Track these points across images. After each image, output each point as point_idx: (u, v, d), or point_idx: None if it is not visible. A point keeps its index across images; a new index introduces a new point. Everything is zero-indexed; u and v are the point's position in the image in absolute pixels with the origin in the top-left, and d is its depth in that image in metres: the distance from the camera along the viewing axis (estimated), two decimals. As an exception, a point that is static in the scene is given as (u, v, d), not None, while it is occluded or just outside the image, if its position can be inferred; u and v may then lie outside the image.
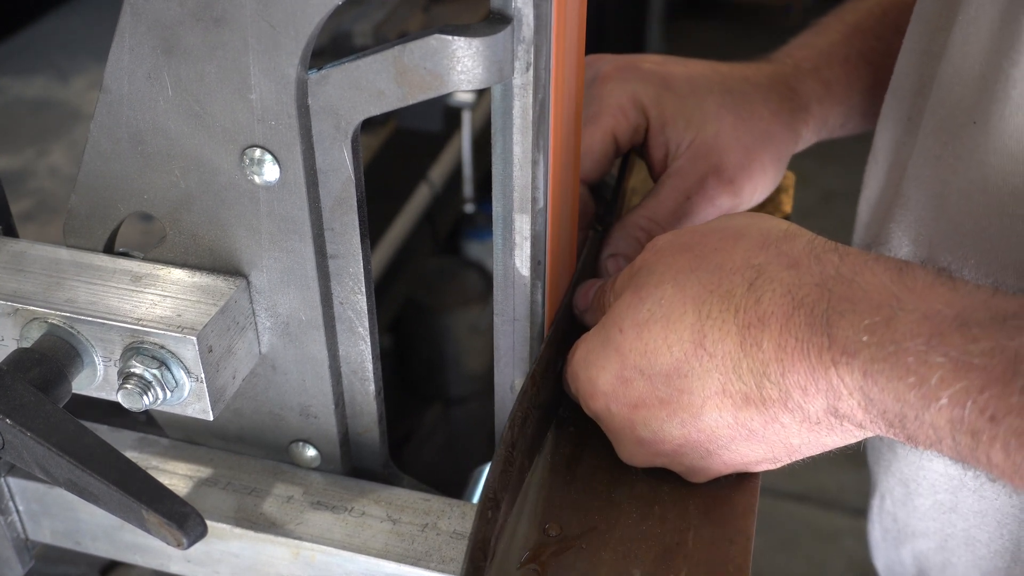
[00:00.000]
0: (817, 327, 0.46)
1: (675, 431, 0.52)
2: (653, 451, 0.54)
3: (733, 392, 0.49)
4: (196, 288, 0.54)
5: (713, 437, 0.52)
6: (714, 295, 0.49)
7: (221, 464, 0.62)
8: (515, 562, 0.53)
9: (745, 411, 0.50)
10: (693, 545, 0.53)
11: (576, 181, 0.60)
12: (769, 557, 2.20)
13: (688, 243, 0.53)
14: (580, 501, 0.56)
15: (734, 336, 0.48)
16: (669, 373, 0.51)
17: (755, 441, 0.51)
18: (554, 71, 0.50)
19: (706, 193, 0.69)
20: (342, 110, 0.49)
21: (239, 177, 0.51)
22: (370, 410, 0.59)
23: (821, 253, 0.49)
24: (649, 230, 0.67)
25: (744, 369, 0.48)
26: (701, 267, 0.51)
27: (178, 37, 0.48)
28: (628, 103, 0.69)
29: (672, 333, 0.50)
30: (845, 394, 0.46)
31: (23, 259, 0.55)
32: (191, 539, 0.48)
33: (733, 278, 0.49)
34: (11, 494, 0.62)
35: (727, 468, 0.54)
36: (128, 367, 0.51)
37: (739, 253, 0.50)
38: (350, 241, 0.53)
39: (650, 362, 0.51)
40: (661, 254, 0.53)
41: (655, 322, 0.51)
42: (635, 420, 0.53)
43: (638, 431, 0.54)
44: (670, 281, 0.51)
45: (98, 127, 0.52)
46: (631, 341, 0.52)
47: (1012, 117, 0.56)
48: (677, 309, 0.50)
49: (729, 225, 0.53)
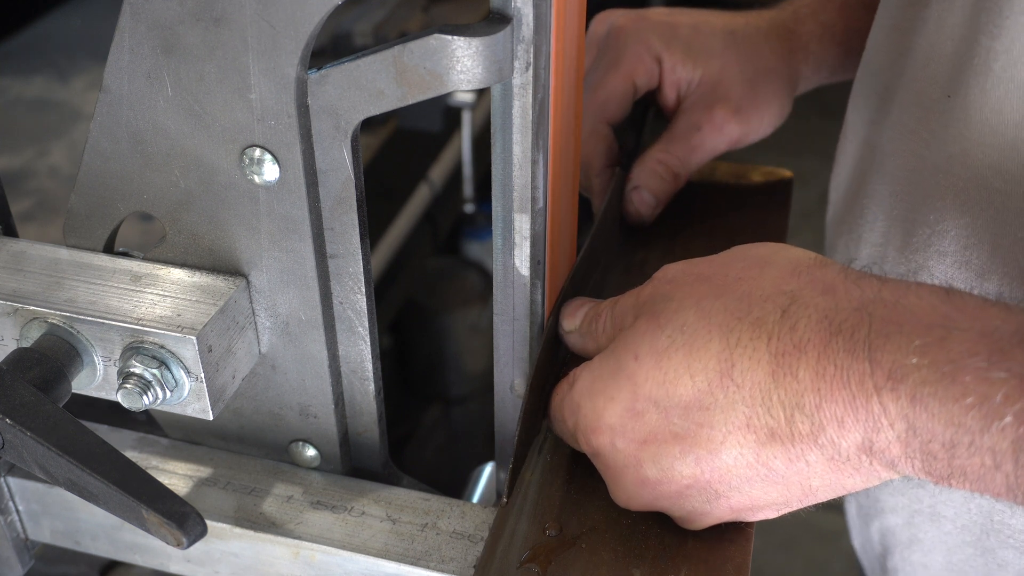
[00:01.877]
0: (858, 353, 0.44)
1: (687, 470, 0.49)
2: (656, 492, 0.51)
3: (758, 427, 0.46)
4: (196, 288, 0.54)
5: (727, 477, 0.49)
6: (743, 322, 0.47)
7: (221, 464, 0.62)
8: (515, 562, 0.53)
9: (769, 448, 0.47)
10: (693, 545, 0.53)
11: (576, 181, 0.60)
12: (769, 557, 2.20)
13: (706, 273, 0.50)
14: (580, 501, 0.56)
15: (766, 365, 0.46)
16: (689, 405, 0.48)
17: (772, 483, 0.48)
18: (554, 71, 0.50)
19: (714, 122, 0.74)
20: (342, 110, 0.49)
21: (239, 177, 0.51)
22: (370, 410, 0.59)
23: (858, 279, 0.47)
24: (667, 163, 0.73)
25: (775, 401, 0.46)
26: (726, 294, 0.48)
27: (178, 37, 0.48)
28: (643, 50, 0.74)
29: (696, 361, 0.47)
30: (885, 424, 0.43)
31: (23, 259, 0.55)
32: (191, 539, 0.48)
33: (764, 305, 0.47)
34: (11, 494, 0.62)
35: (730, 514, 0.51)
36: (128, 367, 0.51)
37: (768, 281, 0.48)
38: (350, 241, 0.53)
39: (668, 393, 0.48)
40: (676, 284, 0.51)
41: (676, 350, 0.48)
42: (642, 457, 0.50)
43: (644, 470, 0.50)
44: (692, 308, 0.48)
45: (98, 127, 0.52)
46: (648, 370, 0.49)
47: (992, 90, 0.56)
48: (702, 336, 0.47)
49: (751, 254, 0.51)
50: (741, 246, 0.52)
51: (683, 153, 0.74)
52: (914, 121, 0.62)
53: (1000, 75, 0.56)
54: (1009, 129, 0.56)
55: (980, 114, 0.57)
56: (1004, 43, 0.55)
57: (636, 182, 0.73)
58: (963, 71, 0.58)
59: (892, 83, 0.67)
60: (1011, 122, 0.56)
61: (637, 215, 0.74)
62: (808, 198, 3.31)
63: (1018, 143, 0.55)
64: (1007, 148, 0.56)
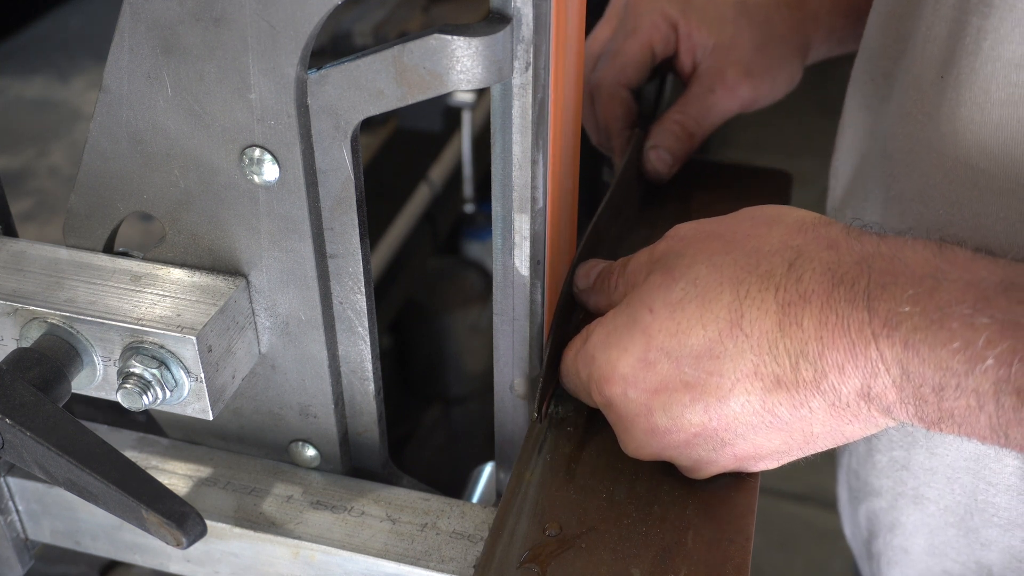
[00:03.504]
0: (858, 302, 0.46)
1: (696, 417, 0.51)
2: (665, 441, 0.53)
3: (765, 374, 0.49)
4: (196, 288, 0.54)
5: (734, 424, 0.51)
6: (752, 275, 0.49)
7: (221, 464, 0.62)
8: (515, 562, 0.53)
9: (775, 394, 0.49)
10: (693, 545, 0.53)
11: (576, 181, 0.60)
12: (769, 557, 2.20)
13: (715, 231, 0.53)
14: (580, 501, 0.56)
15: (773, 315, 0.48)
16: (700, 354, 0.50)
17: (776, 430, 0.51)
18: (554, 71, 0.50)
19: (727, 83, 0.78)
20: (342, 110, 0.49)
21: (239, 177, 0.51)
22: (370, 410, 0.59)
23: (859, 235, 0.49)
24: (683, 123, 0.77)
25: (780, 349, 0.48)
26: (735, 250, 0.51)
27: (177, 37, 0.48)
28: (660, 18, 0.78)
29: (707, 312, 0.50)
30: (882, 370, 0.46)
31: (23, 259, 0.55)
32: (191, 539, 0.48)
33: (772, 259, 0.49)
34: (11, 494, 0.62)
35: (735, 462, 0.54)
36: (128, 367, 0.51)
37: (776, 236, 0.51)
38: (350, 241, 0.53)
39: (680, 343, 0.50)
40: (687, 241, 0.53)
41: (689, 301, 0.50)
42: (653, 406, 0.52)
43: (654, 418, 0.52)
44: (704, 262, 0.51)
45: (98, 127, 0.52)
46: (661, 321, 0.51)
47: (981, 69, 0.57)
48: (713, 289, 0.50)
49: (759, 214, 0.53)
50: (749, 208, 0.54)
51: (698, 114, 0.78)
52: (911, 103, 0.63)
53: (988, 54, 0.57)
54: (995, 108, 0.57)
55: (969, 93, 0.58)
56: (993, 22, 0.56)
57: (654, 141, 0.77)
58: (955, 51, 0.59)
59: (890, 68, 0.69)
60: (997, 100, 0.57)
61: (655, 172, 0.78)
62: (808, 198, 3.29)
63: (1002, 122, 0.57)
64: (992, 127, 0.57)
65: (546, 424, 0.60)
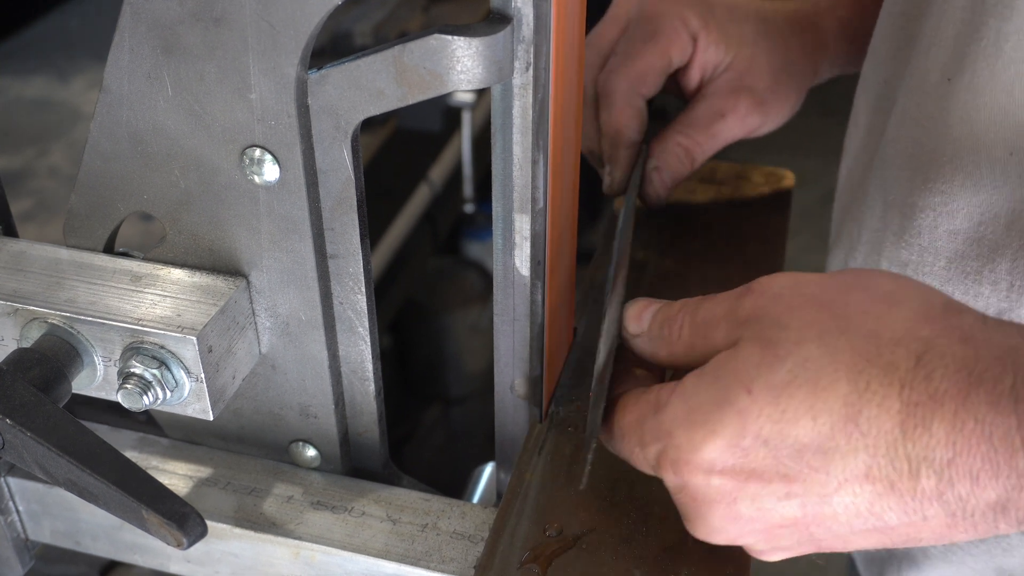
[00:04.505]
0: (1002, 405, 0.41)
1: (788, 512, 0.46)
2: (744, 528, 0.47)
3: (878, 477, 0.44)
4: (196, 288, 0.54)
5: (829, 523, 0.45)
6: (873, 366, 0.44)
7: (221, 464, 0.62)
8: (516, 563, 0.53)
9: (886, 499, 0.44)
10: (693, 546, 0.53)
11: (576, 181, 0.60)
12: (769, 557, 2.20)
13: (821, 298, 0.46)
14: (580, 501, 0.56)
15: (896, 415, 0.43)
16: (805, 447, 0.44)
17: (877, 532, 0.45)
18: (554, 71, 0.50)
19: (739, 112, 0.74)
20: (342, 110, 0.49)
21: (239, 177, 0.51)
22: (370, 410, 0.59)
23: (997, 326, 0.44)
24: (688, 147, 0.74)
25: (900, 453, 0.43)
26: (850, 330, 0.45)
27: (178, 37, 0.48)
28: (680, 26, 0.74)
29: (820, 402, 0.44)
30: None
31: (23, 259, 0.55)
32: (191, 539, 0.48)
33: (896, 350, 0.44)
34: (11, 494, 0.62)
35: (813, 551, 0.48)
36: (128, 367, 0.51)
37: (898, 322, 0.45)
38: (350, 241, 0.53)
39: (782, 432, 0.44)
40: (789, 308, 0.46)
41: (798, 387, 0.44)
42: (740, 495, 0.46)
43: (738, 506, 0.46)
44: (814, 341, 0.45)
45: (98, 127, 0.52)
46: (762, 406, 0.44)
47: (1003, 71, 0.57)
48: (827, 375, 0.44)
49: (874, 285, 0.47)
50: (856, 271, 0.49)
51: (704, 140, 0.74)
52: (914, 107, 0.63)
53: (1012, 56, 0.56)
54: (1020, 110, 0.56)
55: (990, 96, 0.57)
56: (1016, 24, 0.56)
57: (657, 163, 0.74)
58: (967, 54, 0.58)
59: (896, 71, 0.68)
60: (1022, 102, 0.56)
61: (656, 196, 0.75)
62: (808, 198, 3.30)
63: None
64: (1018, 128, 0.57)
65: (547, 424, 0.60)
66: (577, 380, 0.64)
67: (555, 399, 0.62)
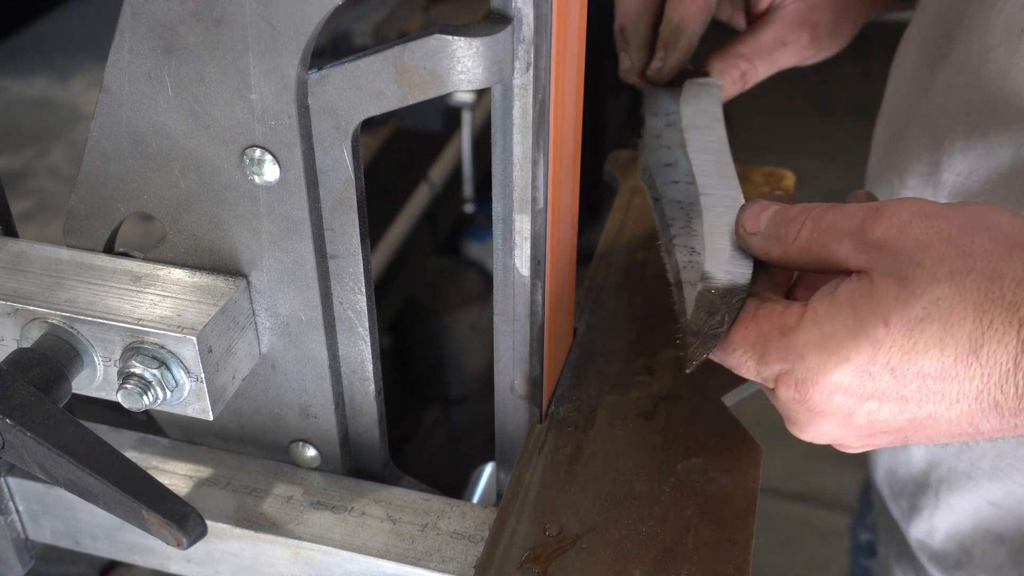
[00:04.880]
0: None
1: (897, 423, 0.51)
2: (850, 433, 0.53)
3: (985, 398, 0.49)
4: (196, 288, 0.54)
5: (927, 431, 0.51)
6: (996, 306, 0.49)
7: (221, 464, 0.62)
8: (515, 562, 0.53)
9: (987, 415, 0.50)
10: (693, 545, 0.53)
11: (576, 181, 0.60)
12: (769, 557, 2.20)
13: (950, 235, 0.51)
14: (580, 501, 0.56)
15: (1012, 351, 0.48)
16: (928, 375, 0.49)
17: (961, 437, 0.52)
18: (554, 71, 0.50)
19: (800, 43, 0.79)
20: (342, 110, 0.49)
21: (239, 177, 0.51)
22: (370, 410, 0.59)
23: None
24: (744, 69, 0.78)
25: (1010, 381, 0.48)
26: (976, 270, 0.50)
27: (178, 37, 0.48)
28: None
29: (948, 336, 0.49)
30: None
31: (23, 259, 0.55)
32: (191, 539, 0.48)
33: (1018, 291, 0.49)
34: (11, 494, 0.62)
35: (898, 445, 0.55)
36: (128, 367, 0.51)
37: (1018, 263, 0.49)
38: (350, 241, 0.53)
39: (911, 361, 0.49)
40: (921, 243, 0.51)
41: (931, 322, 0.49)
42: (857, 410, 0.52)
43: (853, 418, 0.52)
44: (946, 280, 0.49)
45: (98, 127, 0.52)
46: (895, 337, 0.49)
47: None
48: (957, 312, 0.49)
49: (995, 225, 0.51)
50: (977, 208, 0.52)
51: (762, 65, 0.79)
52: (975, 58, 0.65)
53: None
54: None
55: None
56: None
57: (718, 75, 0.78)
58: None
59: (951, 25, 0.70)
60: None
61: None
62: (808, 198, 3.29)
63: None
64: None
65: (547, 425, 0.60)
66: (577, 380, 0.64)
67: (555, 399, 0.62)
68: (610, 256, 0.75)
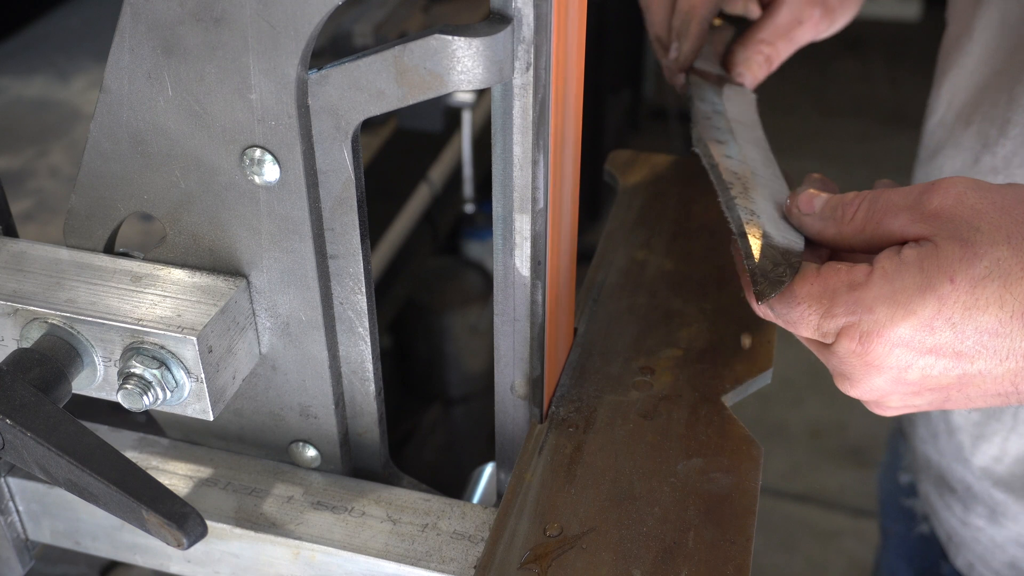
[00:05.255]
0: None
1: (946, 380, 0.54)
2: (899, 389, 0.55)
3: None
4: (196, 288, 0.54)
5: (969, 389, 0.54)
6: None
7: (221, 464, 0.62)
8: (516, 563, 0.53)
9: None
10: (693, 545, 0.53)
11: (576, 181, 0.60)
12: (769, 557, 2.20)
13: (1004, 205, 0.54)
14: (580, 501, 0.56)
15: None
16: (986, 330, 0.52)
17: (1000, 398, 0.54)
18: (554, 71, 0.50)
19: (814, 20, 0.83)
20: (342, 110, 0.49)
21: (239, 177, 0.51)
22: (370, 410, 0.59)
23: None
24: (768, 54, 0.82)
25: None
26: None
27: (178, 37, 0.48)
28: None
29: (1007, 294, 0.52)
30: None
31: (23, 259, 0.55)
32: (191, 539, 0.48)
33: None
34: (11, 494, 0.62)
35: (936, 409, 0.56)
36: (128, 367, 0.51)
37: None
38: (350, 241, 0.53)
39: (971, 317, 0.52)
40: (978, 211, 0.54)
41: (992, 280, 0.52)
42: (915, 364, 0.54)
43: (908, 374, 0.54)
44: (1004, 243, 0.52)
45: (98, 127, 0.52)
46: (960, 293, 0.52)
47: None
48: (1016, 272, 0.52)
49: None
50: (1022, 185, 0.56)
51: (783, 45, 0.83)
52: None
53: None
54: None
55: None
56: None
57: (741, 68, 0.82)
58: None
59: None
60: None
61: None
62: (808, 198, 3.29)
63: None
64: None
65: (547, 425, 0.60)
66: (577, 380, 0.64)
67: (555, 399, 0.62)
68: (610, 256, 0.75)
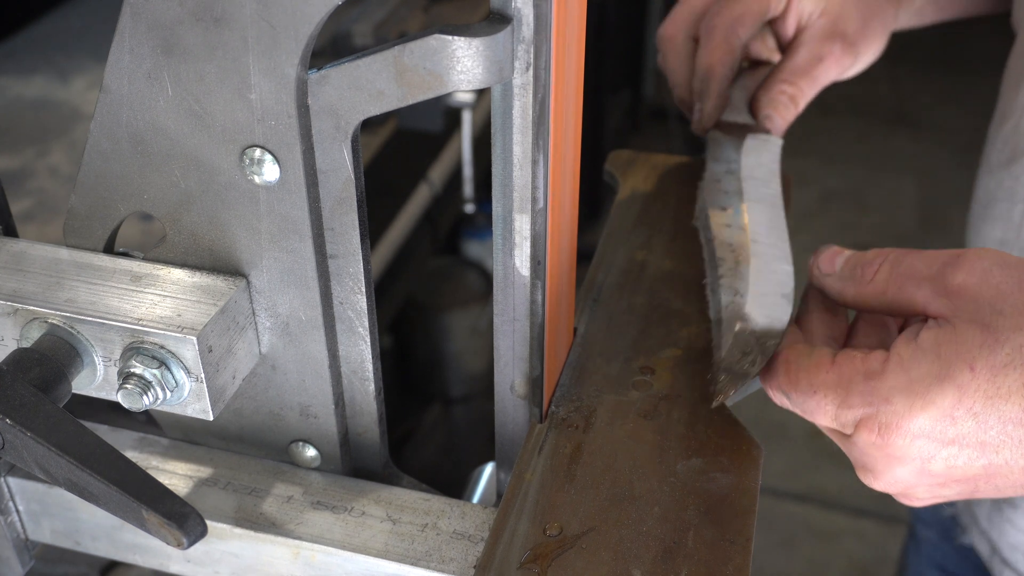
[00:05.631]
0: None
1: (972, 471, 0.52)
2: (924, 481, 0.53)
3: None
4: (196, 288, 0.54)
5: (998, 480, 0.52)
6: None
7: (221, 464, 0.62)
8: (515, 563, 0.53)
9: None
10: (693, 545, 0.53)
11: (576, 181, 0.60)
12: (769, 557, 2.20)
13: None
14: (580, 501, 0.56)
15: None
16: (1010, 420, 0.50)
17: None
18: (554, 71, 0.50)
19: (835, 55, 0.82)
20: (342, 110, 0.49)
21: (239, 177, 0.51)
22: (370, 410, 0.59)
23: None
24: (792, 94, 0.81)
25: None
26: None
27: (178, 37, 0.48)
28: None
29: None
30: None
31: (23, 259, 0.55)
32: (191, 539, 0.48)
33: None
34: (11, 494, 0.62)
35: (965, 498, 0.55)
36: (128, 367, 0.51)
37: None
38: (350, 241, 0.53)
39: (994, 407, 0.50)
40: (1002, 293, 0.52)
41: (1014, 368, 0.50)
42: (937, 456, 0.52)
43: (931, 465, 0.52)
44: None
45: (98, 127, 0.52)
46: (980, 382, 0.50)
47: None
48: None
49: None
50: None
51: (806, 84, 0.82)
52: None
53: None
54: None
55: None
56: None
57: (767, 111, 0.81)
58: None
59: None
60: None
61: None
62: (808, 198, 3.30)
63: None
64: None
65: (547, 425, 0.60)
66: (577, 380, 0.64)
67: (555, 399, 0.62)
68: (610, 256, 0.75)
